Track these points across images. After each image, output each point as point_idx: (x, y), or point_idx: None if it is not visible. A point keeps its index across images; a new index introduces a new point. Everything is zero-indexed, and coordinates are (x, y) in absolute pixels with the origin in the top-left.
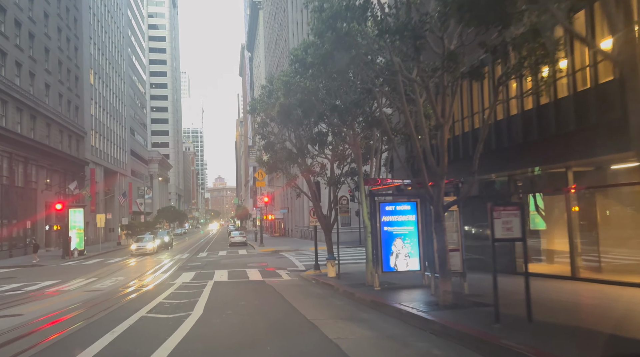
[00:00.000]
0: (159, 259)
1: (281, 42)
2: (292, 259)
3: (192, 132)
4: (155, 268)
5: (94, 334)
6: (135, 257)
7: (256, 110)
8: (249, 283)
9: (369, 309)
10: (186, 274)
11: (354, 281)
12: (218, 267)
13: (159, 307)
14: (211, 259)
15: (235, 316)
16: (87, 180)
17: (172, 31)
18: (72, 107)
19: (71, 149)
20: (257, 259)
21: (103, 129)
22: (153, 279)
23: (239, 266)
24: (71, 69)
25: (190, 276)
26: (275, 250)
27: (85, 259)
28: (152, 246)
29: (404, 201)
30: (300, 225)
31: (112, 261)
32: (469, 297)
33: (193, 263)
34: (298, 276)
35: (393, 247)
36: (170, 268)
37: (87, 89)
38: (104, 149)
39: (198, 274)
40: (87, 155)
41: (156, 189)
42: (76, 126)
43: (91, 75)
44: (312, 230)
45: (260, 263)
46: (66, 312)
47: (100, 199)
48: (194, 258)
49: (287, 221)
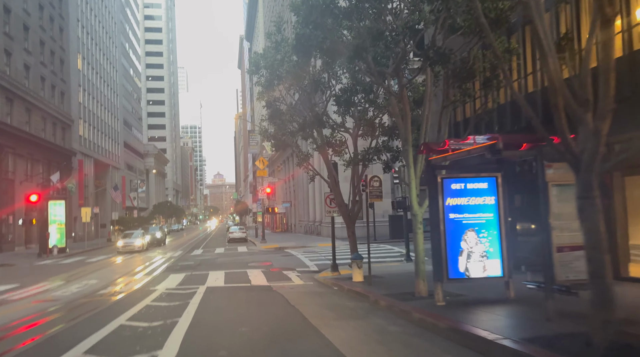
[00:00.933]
0: (147, 258)
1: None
2: (300, 257)
3: (191, 127)
4: (139, 269)
5: None
6: (122, 255)
7: (259, 67)
8: (252, 290)
9: (448, 342)
10: (174, 277)
11: (392, 288)
12: (213, 267)
13: (113, 337)
14: (206, 258)
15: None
16: (75, 171)
17: (168, 22)
18: (57, 93)
19: (56, 138)
20: (259, 257)
21: (93, 118)
22: (130, 284)
23: (239, 265)
24: (55, 51)
25: (177, 280)
26: (279, 247)
27: (65, 258)
28: (140, 243)
29: (477, 177)
30: (304, 219)
31: (94, 260)
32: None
33: (185, 262)
34: (312, 279)
35: (463, 243)
36: (156, 268)
37: (74, 75)
38: (94, 140)
39: (188, 277)
40: (75, 145)
41: (152, 183)
42: (62, 113)
43: (79, 60)
44: (318, 225)
45: (263, 262)
46: None
47: (90, 193)
48: (187, 256)
49: (290, 215)
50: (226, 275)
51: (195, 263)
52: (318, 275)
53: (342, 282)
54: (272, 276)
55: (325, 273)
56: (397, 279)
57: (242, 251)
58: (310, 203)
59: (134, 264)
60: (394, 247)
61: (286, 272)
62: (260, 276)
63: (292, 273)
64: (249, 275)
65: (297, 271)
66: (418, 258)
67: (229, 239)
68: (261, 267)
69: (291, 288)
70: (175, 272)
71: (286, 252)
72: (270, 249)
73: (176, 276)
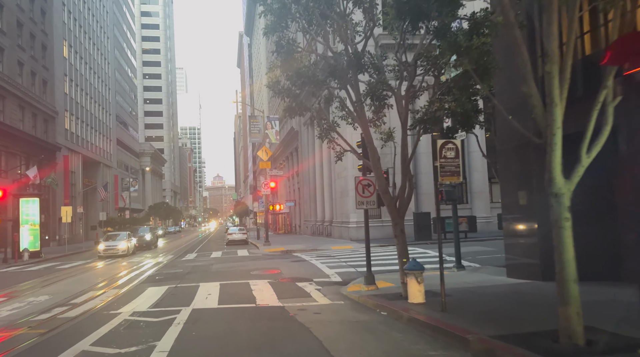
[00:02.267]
0: (131, 264)
1: None
2: (315, 263)
3: (190, 129)
4: (113, 278)
5: None
6: (103, 259)
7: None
8: (259, 317)
9: None
10: (151, 292)
11: (490, 321)
12: (206, 277)
13: None
14: (199, 263)
15: None
16: (60, 167)
17: (166, 19)
18: (38, 81)
19: (37, 130)
20: (263, 263)
21: (81, 111)
22: (88, 304)
23: (239, 274)
24: (36, 35)
25: (154, 296)
26: (285, 250)
27: (37, 263)
28: (125, 246)
29: None
30: (311, 219)
31: (66, 267)
32: None
33: (172, 270)
34: (339, 294)
35: None
36: (135, 278)
37: (59, 63)
38: (83, 135)
39: (170, 293)
40: (60, 139)
41: (148, 184)
42: (44, 104)
43: (65, 47)
44: (328, 225)
45: (269, 270)
46: None
47: (78, 191)
48: (177, 262)
49: (294, 215)
50: (222, 288)
51: (185, 271)
52: (346, 289)
53: (391, 303)
54: (284, 289)
55: (355, 286)
56: (475, 299)
57: (242, 255)
58: (319, 201)
59: (111, 272)
60: (427, 250)
61: (301, 285)
62: (267, 291)
63: (310, 286)
64: (253, 289)
65: (315, 282)
66: (565, 273)
67: (228, 241)
68: (267, 276)
69: (317, 313)
70: (156, 283)
71: (296, 257)
72: (276, 253)
73: (155, 290)
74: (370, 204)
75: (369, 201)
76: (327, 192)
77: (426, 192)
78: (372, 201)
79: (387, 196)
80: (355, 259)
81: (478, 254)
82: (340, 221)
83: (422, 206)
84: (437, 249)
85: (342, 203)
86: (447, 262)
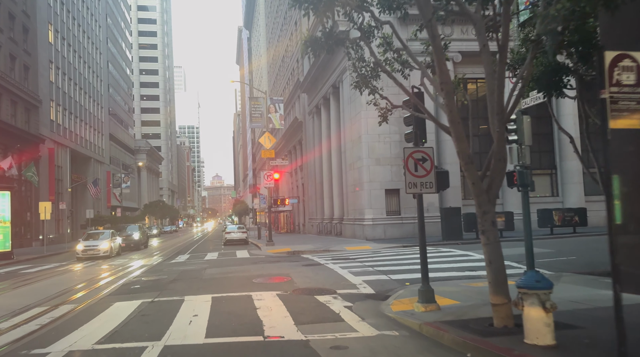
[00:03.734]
0: (110, 267)
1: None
2: (332, 267)
3: (188, 127)
4: (76, 288)
5: None
6: (82, 261)
7: None
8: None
9: None
10: (116, 310)
11: None
12: (195, 286)
13: None
14: (190, 267)
15: None
16: (45, 160)
17: (163, 14)
18: (18, 66)
19: (16, 120)
20: (268, 267)
21: (70, 102)
22: (16, 331)
23: (238, 283)
24: (16, 15)
25: (117, 319)
26: (292, 250)
27: (3, 266)
28: (107, 246)
29: None
30: (317, 217)
31: (33, 270)
32: None
33: (154, 276)
34: (381, 315)
35: None
36: (104, 288)
37: (43, 48)
38: (71, 128)
39: (141, 311)
40: (45, 131)
41: (144, 181)
42: (24, 90)
43: (50, 32)
44: (337, 223)
45: (276, 277)
46: None
47: (65, 188)
48: (164, 265)
49: (297, 214)
50: (214, 305)
51: (169, 278)
52: (389, 307)
53: (489, 343)
54: (301, 307)
55: (402, 303)
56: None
57: (242, 257)
58: (326, 197)
59: (79, 278)
60: (470, 253)
61: (324, 300)
62: (278, 309)
63: (336, 301)
64: (258, 306)
65: (340, 294)
66: None
67: (226, 240)
68: (275, 286)
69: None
70: (127, 296)
71: (307, 260)
72: (281, 255)
73: (122, 308)
74: (426, 186)
75: (424, 183)
76: (336, 186)
77: (452, 185)
78: (429, 181)
79: (471, 168)
80: (382, 263)
81: (536, 257)
82: (353, 218)
83: (447, 201)
84: (475, 251)
85: (356, 198)
86: (511, 269)
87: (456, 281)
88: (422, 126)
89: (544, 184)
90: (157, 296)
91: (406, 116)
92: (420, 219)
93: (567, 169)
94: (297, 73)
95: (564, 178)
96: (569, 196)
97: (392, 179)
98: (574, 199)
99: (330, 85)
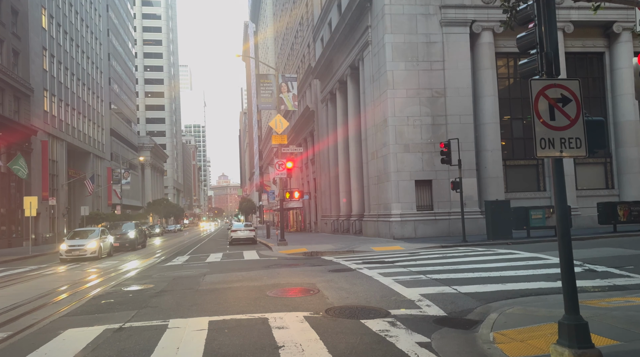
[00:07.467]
0: (93, 272)
1: None
2: (369, 273)
3: (194, 126)
4: (26, 304)
5: None
6: (66, 263)
7: None
8: None
9: None
10: (60, 344)
11: None
12: (186, 303)
13: None
14: (186, 273)
15: None
16: (38, 155)
17: (168, 10)
18: (6, 50)
19: (4, 109)
20: (284, 273)
21: (66, 93)
22: None
23: (246, 298)
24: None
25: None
26: (309, 251)
27: None
28: (94, 246)
29: None
30: (331, 214)
31: (4, 274)
32: None
33: (137, 285)
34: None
35: None
36: (64, 303)
37: (36, 33)
38: (68, 120)
39: (94, 351)
40: (37, 122)
41: (148, 179)
42: (14, 77)
43: (44, 16)
44: (356, 220)
45: (298, 288)
46: None
47: (60, 184)
48: (154, 270)
49: (308, 211)
50: (211, 339)
51: (157, 288)
52: (494, 345)
53: None
54: (350, 345)
55: (516, 341)
56: None
57: (250, 259)
58: (343, 192)
59: (41, 288)
60: (538, 255)
61: (376, 327)
62: (314, 351)
63: (397, 330)
64: (280, 344)
65: (397, 317)
66: None
67: (232, 239)
68: (299, 303)
69: None
70: (88, 319)
71: (331, 263)
72: (297, 256)
73: (69, 342)
74: (572, 144)
75: (566, 139)
76: (355, 179)
77: (493, 175)
78: (576, 137)
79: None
80: (432, 269)
81: (614, 261)
82: (377, 213)
83: (487, 193)
84: (542, 252)
85: (380, 191)
86: (583, 281)
87: (555, 295)
88: (554, 46)
89: (597, 174)
90: (131, 318)
91: (523, 34)
92: (560, 203)
93: (626, 157)
94: (308, 59)
95: (621, 168)
96: (627, 187)
97: (423, 168)
98: (633, 191)
99: (347, 66)
